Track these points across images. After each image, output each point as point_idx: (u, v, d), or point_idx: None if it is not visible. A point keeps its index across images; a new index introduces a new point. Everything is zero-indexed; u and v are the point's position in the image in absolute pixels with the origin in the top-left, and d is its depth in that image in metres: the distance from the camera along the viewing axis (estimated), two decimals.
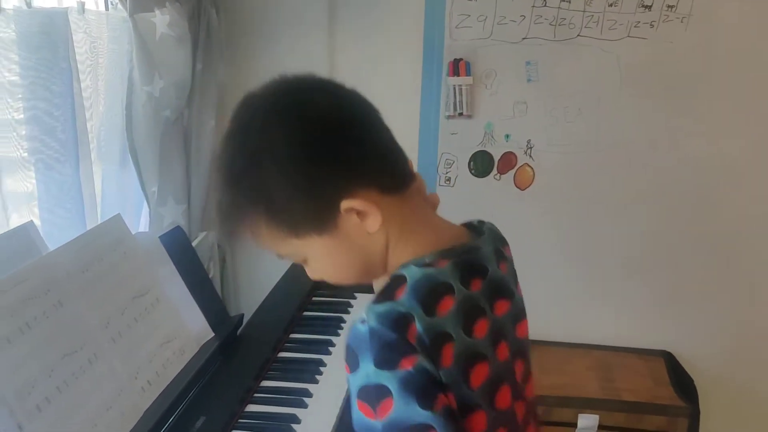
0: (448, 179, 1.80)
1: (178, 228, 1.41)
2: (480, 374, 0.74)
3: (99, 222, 1.31)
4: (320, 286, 1.71)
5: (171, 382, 1.17)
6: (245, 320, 1.48)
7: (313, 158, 0.71)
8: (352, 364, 0.69)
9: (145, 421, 1.07)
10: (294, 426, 1.15)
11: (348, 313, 1.59)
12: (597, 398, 1.56)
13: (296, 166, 0.71)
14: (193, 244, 1.54)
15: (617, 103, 1.73)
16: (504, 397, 0.76)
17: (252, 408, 1.21)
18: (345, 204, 0.72)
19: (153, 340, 1.18)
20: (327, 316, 1.57)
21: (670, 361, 1.77)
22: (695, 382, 1.70)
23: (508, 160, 1.78)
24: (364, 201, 0.72)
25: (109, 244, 1.17)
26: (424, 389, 0.67)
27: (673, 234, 1.77)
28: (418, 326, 0.69)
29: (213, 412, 1.15)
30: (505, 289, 0.81)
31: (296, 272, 1.79)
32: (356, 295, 1.68)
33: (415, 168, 1.83)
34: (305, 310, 1.60)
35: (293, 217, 0.73)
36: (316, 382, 1.29)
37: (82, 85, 1.26)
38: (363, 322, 0.69)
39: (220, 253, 1.82)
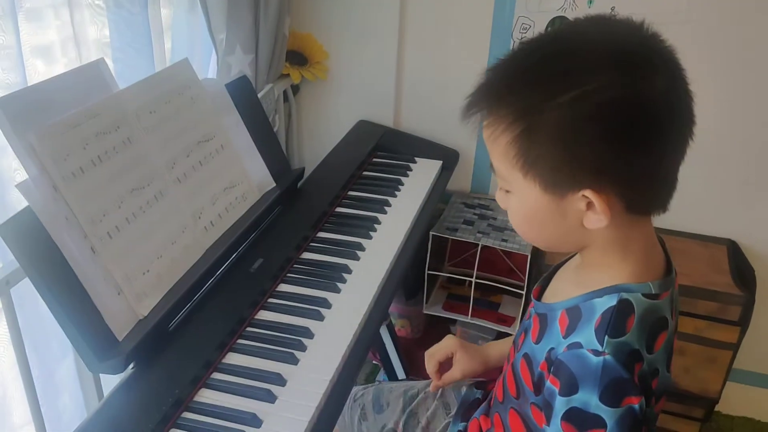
0: None
1: (243, 77, 1.41)
2: (660, 405, 0.78)
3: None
4: (382, 148, 1.73)
5: (232, 225, 1.23)
6: (306, 174, 1.52)
7: (604, 132, 0.64)
8: (568, 387, 0.69)
9: (207, 257, 1.14)
10: (345, 275, 1.20)
11: (407, 176, 1.60)
12: None
13: (585, 126, 0.64)
14: (259, 95, 1.55)
15: None
16: (658, 406, 0.79)
17: (307, 255, 1.27)
18: (588, 192, 0.67)
19: (216, 184, 1.23)
20: (386, 177, 1.59)
21: (733, 249, 1.73)
22: (755, 273, 1.66)
23: None
24: (605, 204, 0.67)
25: (177, 88, 1.19)
26: (636, 428, 0.68)
27: (748, 117, 1.66)
28: (644, 365, 0.69)
29: (270, 256, 1.22)
30: (678, 304, 0.81)
31: (359, 133, 1.79)
32: (416, 159, 1.68)
33: (489, 32, 1.74)
34: (365, 169, 1.62)
35: (537, 158, 0.67)
36: (369, 237, 1.33)
37: None
38: (596, 352, 0.68)
39: (286, 108, 1.84)
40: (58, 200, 0.92)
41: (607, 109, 0.63)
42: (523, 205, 0.73)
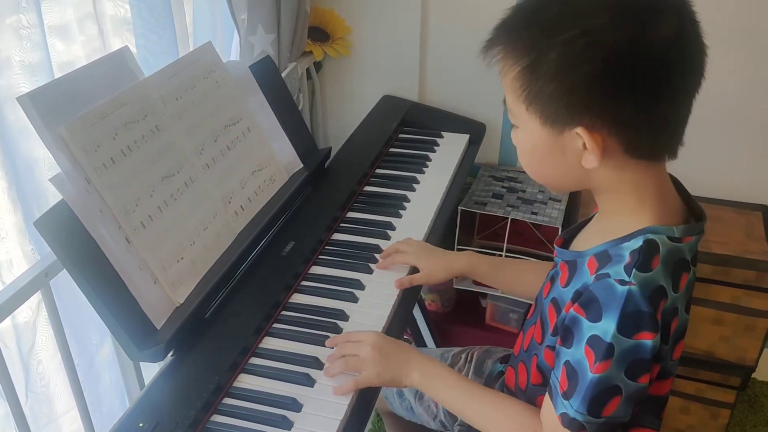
0: None
1: (267, 58, 1.40)
2: (679, 350, 0.79)
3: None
4: (408, 123, 1.71)
5: (262, 208, 1.23)
6: (333, 153, 1.51)
7: (598, 72, 0.66)
8: (593, 313, 0.71)
9: (239, 242, 1.14)
10: (377, 255, 1.20)
11: (434, 151, 1.58)
12: None
13: (580, 64, 0.66)
14: (283, 75, 1.54)
15: None
16: (678, 350, 0.80)
17: (338, 236, 1.26)
18: (580, 130, 0.70)
19: (245, 167, 1.23)
20: (413, 153, 1.57)
21: None
22: None
23: None
24: (596, 144, 0.70)
25: (201, 72, 1.18)
26: (640, 363, 0.69)
27: None
28: (668, 302, 0.71)
29: (301, 238, 1.22)
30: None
31: (384, 108, 1.77)
32: (443, 133, 1.66)
33: (515, 2, 1.70)
34: (392, 146, 1.61)
35: (539, 92, 0.70)
36: (399, 216, 1.32)
37: None
38: (622, 282, 0.69)
39: (309, 86, 1.82)
40: (92, 192, 0.92)
41: (600, 49, 0.66)
42: (526, 139, 0.76)
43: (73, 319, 1.13)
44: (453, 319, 1.91)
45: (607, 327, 0.69)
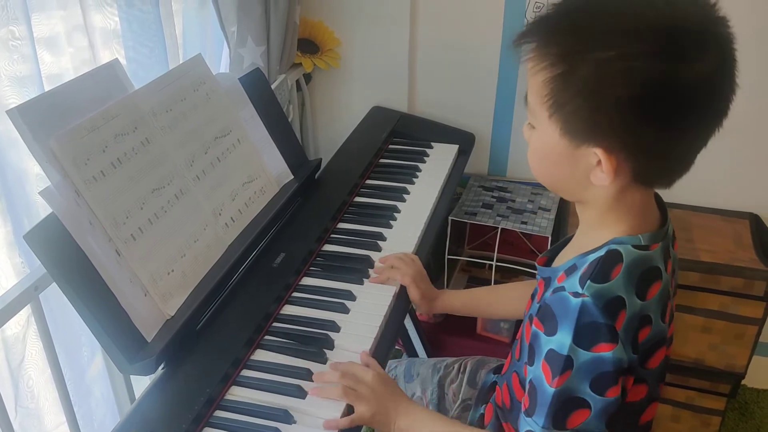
0: None
1: (257, 70, 1.40)
2: (658, 358, 0.78)
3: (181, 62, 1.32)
4: (397, 134, 1.71)
5: (253, 220, 1.23)
6: (323, 164, 1.51)
7: (629, 99, 0.65)
8: (549, 327, 0.71)
9: (230, 254, 1.14)
10: (368, 267, 1.20)
11: (424, 162, 1.59)
12: None
13: (612, 88, 0.65)
14: (273, 86, 1.54)
15: None
16: (657, 359, 0.79)
17: (328, 248, 1.26)
18: (599, 151, 0.70)
19: (235, 179, 1.23)
20: (403, 164, 1.58)
21: (756, 223, 1.71)
22: None
23: None
24: (611, 166, 0.70)
25: (191, 84, 1.19)
26: (605, 377, 0.69)
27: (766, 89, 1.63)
28: (627, 312, 0.70)
29: (292, 249, 1.21)
30: (677, 265, 0.83)
31: (374, 120, 1.78)
32: (433, 144, 1.67)
33: (501, 14, 1.71)
34: (382, 157, 1.61)
35: (565, 103, 0.69)
36: (390, 226, 1.33)
37: None
38: (576, 294, 0.69)
39: (300, 97, 1.83)
40: (81, 205, 0.92)
41: (635, 76, 0.64)
42: (541, 143, 0.75)
43: (63, 332, 1.12)
44: (444, 328, 1.91)
45: (563, 340, 0.69)
